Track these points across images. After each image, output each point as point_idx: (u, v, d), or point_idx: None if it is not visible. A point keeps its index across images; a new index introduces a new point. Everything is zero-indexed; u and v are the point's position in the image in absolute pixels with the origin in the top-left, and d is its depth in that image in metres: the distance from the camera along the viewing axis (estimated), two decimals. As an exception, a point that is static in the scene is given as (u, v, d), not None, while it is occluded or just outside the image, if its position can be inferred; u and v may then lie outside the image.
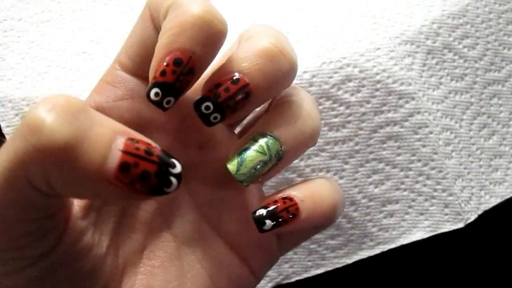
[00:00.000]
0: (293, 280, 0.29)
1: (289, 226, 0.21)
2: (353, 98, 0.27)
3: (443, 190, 0.28)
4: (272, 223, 0.21)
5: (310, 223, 0.22)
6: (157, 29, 0.20)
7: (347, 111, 0.27)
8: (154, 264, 0.22)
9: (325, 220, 0.22)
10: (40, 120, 0.15)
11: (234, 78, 0.19)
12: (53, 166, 0.15)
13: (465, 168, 0.29)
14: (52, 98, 0.15)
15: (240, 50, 0.20)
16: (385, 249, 0.29)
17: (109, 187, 0.15)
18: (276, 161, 0.21)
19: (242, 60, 0.19)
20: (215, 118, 0.19)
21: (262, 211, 0.21)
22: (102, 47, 0.29)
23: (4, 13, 0.30)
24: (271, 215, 0.21)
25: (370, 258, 0.29)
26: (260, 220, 0.21)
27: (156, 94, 0.18)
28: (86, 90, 0.26)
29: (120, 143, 0.15)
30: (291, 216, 0.21)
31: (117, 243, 0.22)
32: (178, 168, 0.16)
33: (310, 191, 0.22)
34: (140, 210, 0.23)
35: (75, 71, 0.27)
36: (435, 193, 0.28)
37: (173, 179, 0.16)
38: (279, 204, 0.21)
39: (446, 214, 0.28)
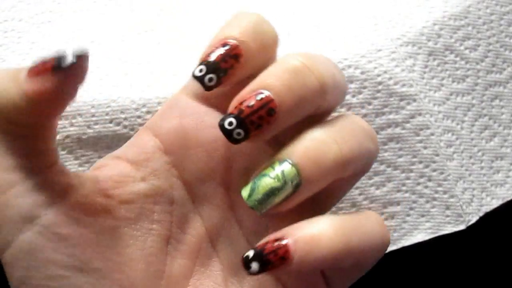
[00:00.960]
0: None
1: (280, 270, 0.20)
2: (354, 100, 0.27)
3: (445, 192, 0.28)
4: (259, 266, 0.20)
5: (309, 267, 0.20)
6: None
7: (349, 112, 0.27)
8: None
9: (329, 263, 0.20)
10: None
11: (259, 93, 0.19)
12: None
13: (466, 170, 0.29)
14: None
15: (269, 68, 0.20)
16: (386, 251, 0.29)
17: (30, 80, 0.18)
18: (293, 189, 0.19)
19: (268, 76, 0.20)
20: (239, 134, 0.19)
21: (250, 253, 0.20)
22: (102, 47, 0.29)
23: (4, 13, 0.30)
24: (258, 257, 0.20)
25: (371, 260, 0.28)
26: (246, 262, 0.20)
27: (200, 70, 0.20)
28: (86, 90, 0.26)
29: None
30: (280, 259, 0.19)
31: (161, 263, 0.22)
32: (78, 49, 0.18)
33: (309, 231, 0.20)
34: (188, 235, 0.22)
35: (76, 72, 0.27)
36: (437, 195, 0.28)
37: (69, 56, 0.18)
38: (268, 246, 0.20)
39: (448, 216, 0.28)
